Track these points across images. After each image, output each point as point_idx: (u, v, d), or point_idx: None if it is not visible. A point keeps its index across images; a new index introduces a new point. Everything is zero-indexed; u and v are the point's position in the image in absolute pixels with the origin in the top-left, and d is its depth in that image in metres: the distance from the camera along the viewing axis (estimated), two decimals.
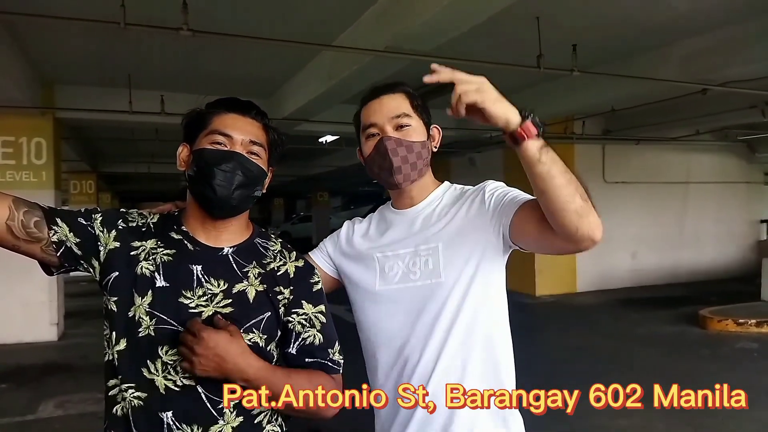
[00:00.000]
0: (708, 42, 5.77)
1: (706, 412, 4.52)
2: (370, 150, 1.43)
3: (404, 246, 1.44)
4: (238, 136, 1.26)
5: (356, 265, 1.51)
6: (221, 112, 1.28)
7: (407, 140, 1.40)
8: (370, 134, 1.43)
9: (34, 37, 5.67)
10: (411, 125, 1.42)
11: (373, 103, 1.45)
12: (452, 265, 1.38)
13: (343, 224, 1.63)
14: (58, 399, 5.03)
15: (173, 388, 1.20)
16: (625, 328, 7.80)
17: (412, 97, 1.46)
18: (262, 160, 1.30)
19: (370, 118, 1.44)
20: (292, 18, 5.09)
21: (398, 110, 1.42)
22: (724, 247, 12.46)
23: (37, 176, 7.26)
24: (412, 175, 1.43)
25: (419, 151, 1.42)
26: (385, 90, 1.46)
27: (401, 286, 1.42)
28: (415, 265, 1.41)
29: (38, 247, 1.21)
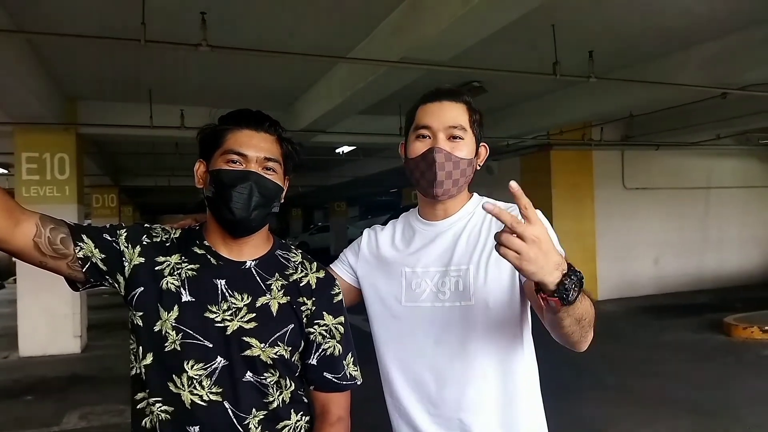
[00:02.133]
0: (727, 45, 5.69)
1: (733, 419, 4.44)
2: (417, 153, 1.38)
3: (434, 264, 1.40)
4: (253, 154, 1.25)
5: (381, 277, 1.48)
6: (234, 129, 1.27)
7: (456, 156, 1.36)
8: (421, 135, 1.39)
9: (57, 54, 5.80)
10: (464, 139, 1.38)
11: (434, 105, 1.40)
12: (483, 289, 1.34)
13: (363, 233, 1.59)
14: (81, 411, 5.08)
15: (199, 403, 1.21)
16: (648, 335, 7.68)
17: (472, 110, 1.41)
18: (278, 174, 1.29)
19: (425, 119, 1.39)
20: (308, 32, 5.15)
21: (456, 120, 1.38)
22: (748, 252, 12.24)
23: (61, 191, 7.39)
24: (452, 191, 1.39)
25: (464, 169, 1.38)
26: (448, 95, 1.41)
27: (429, 305, 1.38)
28: (444, 285, 1.37)
29: (64, 264, 1.22)
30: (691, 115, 8.45)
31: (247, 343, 1.23)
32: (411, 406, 1.41)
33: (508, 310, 1.36)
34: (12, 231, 1.15)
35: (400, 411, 1.44)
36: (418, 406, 1.40)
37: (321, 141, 8.85)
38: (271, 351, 1.24)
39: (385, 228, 1.56)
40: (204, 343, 1.22)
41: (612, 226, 10.71)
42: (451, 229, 1.43)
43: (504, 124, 8.92)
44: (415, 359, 1.40)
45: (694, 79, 5.97)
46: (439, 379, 1.37)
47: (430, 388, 1.38)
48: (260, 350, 1.24)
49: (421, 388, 1.39)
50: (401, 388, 1.43)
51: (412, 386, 1.41)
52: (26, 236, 1.17)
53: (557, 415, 1.49)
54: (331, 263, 1.61)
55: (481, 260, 1.36)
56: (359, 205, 33.83)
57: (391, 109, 7.05)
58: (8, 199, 1.16)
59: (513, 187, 1.01)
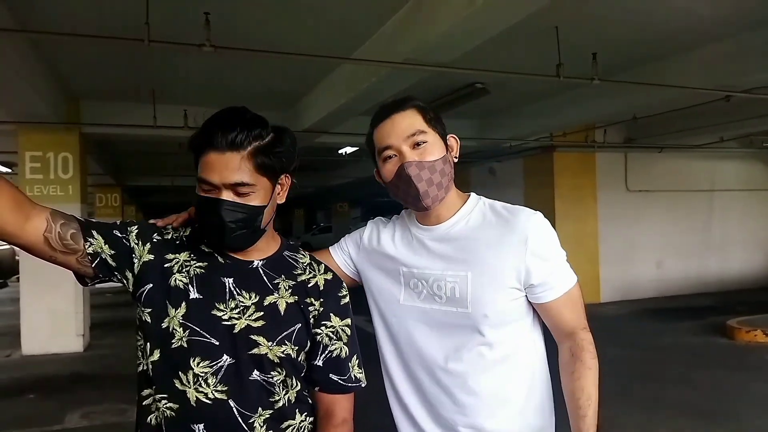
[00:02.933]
0: (731, 48, 5.68)
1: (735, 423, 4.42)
2: (391, 175, 1.37)
3: (429, 267, 1.39)
4: (219, 182, 1.20)
5: (380, 273, 1.48)
6: (204, 151, 1.21)
7: (428, 160, 1.33)
8: (387, 156, 1.37)
9: (60, 54, 5.81)
10: (428, 141, 1.35)
11: (385, 124, 1.38)
12: (481, 298, 1.33)
13: (367, 224, 1.58)
14: (83, 409, 5.08)
15: (204, 401, 1.21)
16: (650, 338, 7.66)
17: (424, 111, 1.38)
18: (255, 193, 1.22)
19: (384, 141, 1.37)
20: (311, 32, 5.15)
21: (412, 128, 1.35)
22: (751, 255, 12.20)
23: (64, 190, 7.41)
24: (440, 195, 1.37)
25: (442, 168, 1.35)
26: (394, 108, 1.38)
27: (426, 306, 1.38)
28: (440, 290, 1.36)
29: (74, 259, 1.23)
30: (694, 118, 8.44)
31: (254, 341, 1.23)
32: (412, 403, 1.42)
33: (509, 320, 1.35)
34: (23, 226, 1.16)
35: (401, 406, 1.45)
36: (419, 404, 1.41)
37: (324, 142, 8.86)
38: (278, 350, 1.24)
39: (388, 224, 1.55)
40: (210, 340, 1.22)
41: (615, 229, 10.69)
42: (449, 232, 1.41)
43: (507, 126, 8.91)
44: (413, 359, 1.41)
45: (697, 81, 5.96)
46: (435, 381, 1.38)
47: (426, 388, 1.39)
48: (267, 349, 1.24)
49: (420, 387, 1.41)
50: (402, 383, 1.44)
51: (411, 383, 1.42)
52: (37, 231, 1.18)
53: (557, 417, 1.48)
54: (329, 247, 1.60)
55: (481, 266, 1.34)
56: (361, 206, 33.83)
57: None
58: (19, 194, 1.17)
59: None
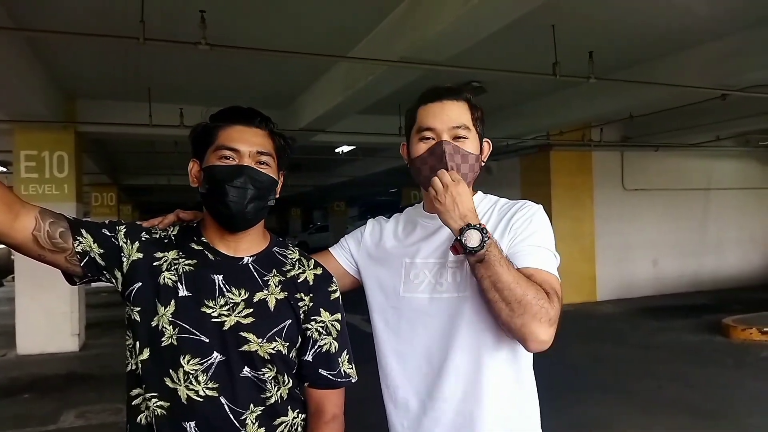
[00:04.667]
0: (727, 46, 5.69)
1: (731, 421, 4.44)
2: (422, 151, 1.38)
3: (433, 255, 1.41)
4: (245, 149, 1.25)
5: (381, 268, 1.48)
6: (226, 126, 1.28)
7: (465, 150, 1.37)
8: (425, 137, 1.38)
9: (55, 52, 5.79)
10: (468, 138, 1.38)
11: (435, 105, 1.38)
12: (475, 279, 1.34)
13: (367, 222, 1.60)
14: (79, 409, 5.07)
15: (195, 398, 1.20)
16: (646, 336, 7.68)
17: (473, 108, 1.40)
18: (272, 168, 1.30)
19: (428, 121, 1.37)
20: (308, 30, 5.14)
21: (459, 120, 1.37)
22: (747, 254, 12.25)
23: (59, 189, 7.38)
24: None
25: (472, 164, 1.38)
26: (449, 94, 1.39)
27: (427, 296, 1.39)
28: (442, 277, 1.38)
29: (62, 258, 1.23)
30: (690, 117, 8.45)
31: (244, 338, 1.23)
32: (408, 398, 1.41)
33: None
34: (11, 224, 1.16)
35: (396, 402, 1.44)
36: (414, 398, 1.40)
37: (320, 140, 8.85)
38: (268, 346, 1.24)
39: (389, 220, 1.57)
40: (200, 338, 1.21)
41: (611, 227, 10.71)
42: None
43: (504, 125, 8.91)
44: (412, 350, 1.40)
45: (694, 80, 5.97)
46: (436, 371, 1.37)
47: (428, 379, 1.38)
48: (258, 345, 1.23)
49: (418, 380, 1.39)
50: (398, 378, 1.43)
51: (409, 378, 1.41)
52: (25, 229, 1.18)
53: (555, 415, 1.48)
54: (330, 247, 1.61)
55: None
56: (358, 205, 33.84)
57: (391, 109, 7.04)
58: (8, 192, 1.17)
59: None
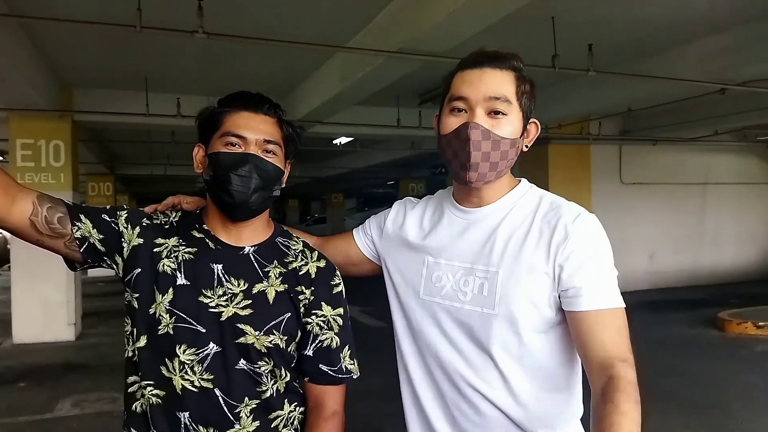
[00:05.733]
0: (727, 40, 5.68)
1: (725, 414, 4.46)
2: (450, 129, 1.18)
3: (459, 258, 1.25)
4: (252, 137, 1.22)
5: (402, 262, 1.35)
6: (233, 111, 1.25)
7: (496, 134, 1.16)
8: (456, 108, 1.18)
9: (52, 40, 5.74)
10: (507, 115, 1.17)
11: (473, 72, 1.18)
12: (511, 300, 1.17)
13: (393, 206, 1.45)
14: (75, 398, 5.08)
15: (190, 389, 1.19)
16: (642, 330, 7.69)
17: (520, 80, 1.19)
18: (278, 157, 1.26)
19: (462, 89, 1.18)
20: (305, 20, 5.11)
21: (498, 91, 1.16)
22: (743, 248, 12.27)
23: (56, 178, 7.36)
24: (488, 176, 1.20)
25: (505, 150, 1.18)
26: (492, 60, 1.18)
27: (447, 303, 1.25)
28: (467, 285, 1.22)
29: (62, 243, 1.21)
30: (689, 111, 8.45)
31: (241, 330, 1.21)
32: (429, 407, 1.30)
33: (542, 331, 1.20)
34: (8, 209, 1.14)
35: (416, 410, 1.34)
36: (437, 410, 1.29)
37: (318, 132, 8.81)
38: (265, 339, 1.22)
39: (416, 205, 1.41)
40: (196, 327, 1.20)
41: (608, 221, 10.45)
42: (487, 220, 1.25)
43: None
44: (433, 358, 1.29)
45: (693, 74, 5.96)
46: (455, 388, 1.25)
47: (446, 394, 1.27)
48: (254, 338, 1.21)
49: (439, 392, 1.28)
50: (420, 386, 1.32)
51: (430, 385, 1.30)
52: (23, 214, 1.16)
53: None
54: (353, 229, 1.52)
55: (515, 265, 1.18)
56: (356, 197, 33.81)
57: (389, 101, 7.02)
58: (5, 176, 1.15)
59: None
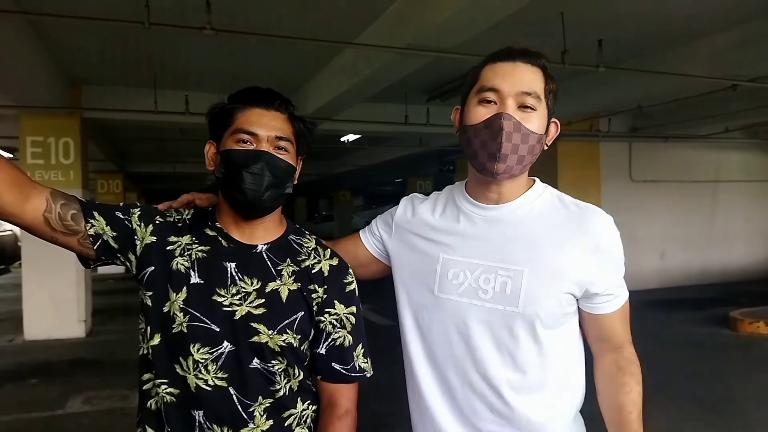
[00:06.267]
0: (738, 36, 5.62)
1: (737, 414, 4.42)
2: (479, 119, 1.18)
3: (479, 256, 1.23)
4: (264, 133, 1.21)
5: (414, 259, 1.32)
6: (244, 108, 1.24)
7: (527, 128, 1.17)
8: (486, 99, 1.19)
9: (60, 37, 5.77)
10: (536, 111, 1.19)
11: (506, 65, 1.20)
12: (536, 298, 1.19)
13: (400, 202, 1.42)
14: (85, 395, 5.11)
15: (204, 388, 1.19)
16: (652, 329, 7.65)
17: (549, 79, 1.22)
18: (290, 154, 1.25)
19: (494, 81, 1.18)
20: (313, 16, 5.10)
21: (531, 86, 1.18)
22: (754, 247, 12.16)
23: (65, 175, 7.39)
24: (515, 170, 1.20)
25: (533, 145, 1.19)
26: (524, 55, 1.21)
27: (466, 301, 1.23)
28: (488, 283, 1.21)
29: (75, 240, 1.21)
30: (700, 108, 8.37)
31: (255, 329, 1.20)
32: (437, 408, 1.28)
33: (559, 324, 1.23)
34: (22, 206, 1.14)
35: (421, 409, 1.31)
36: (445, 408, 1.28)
37: (326, 129, 8.81)
38: (279, 338, 1.21)
39: (425, 200, 1.39)
40: (210, 326, 1.19)
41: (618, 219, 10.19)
42: (509, 217, 1.25)
43: None
44: (443, 357, 1.27)
45: (704, 70, 5.90)
46: (470, 387, 1.24)
47: (457, 392, 1.26)
48: (268, 337, 1.21)
49: (448, 390, 1.27)
50: (426, 384, 1.30)
51: (438, 384, 1.28)
52: (36, 211, 1.16)
53: None
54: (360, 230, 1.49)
55: (540, 264, 1.20)
56: (364, 195, 33.83)
57: (397, 98, 7.00)
58: (19, 173, 1.14)
59: None
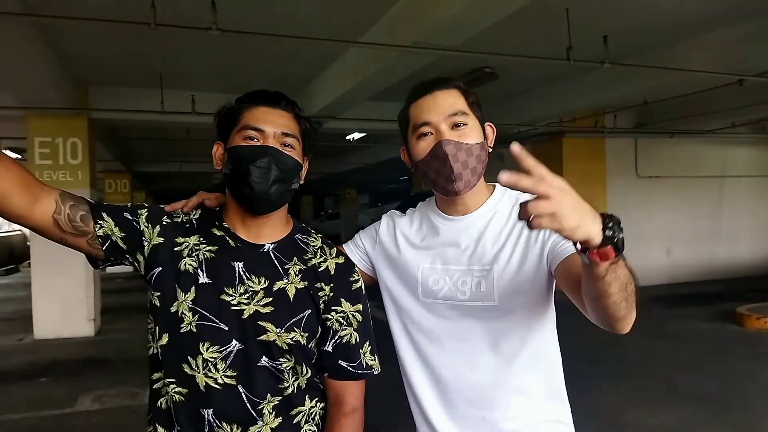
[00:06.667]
0: (744, 31, 5.59)
1: (744, 410, 4.41)
2: (424, 153, 1.30)
3: (455, 262, 1.34)
4: (270, 129, 1.24)
5: (396, 270, 1.43)
6: (251, 107, 1.27)
7: (467, 143, 1.28)
8: (423, 134, 1.31)
9: (67, 38, 5.80)
10: (468, 124, 1.30)
11: (426, 99, 1.32)
12: (508, 290, 1.29)
13: (381, 219, 1.53)
14: (95, 393, 5.15)
15: (213, 386, 1.20)
16: (658, 324, 7.64)
17: (466, 93, 1.33)
18: (297, 151, 1.28)
19: (422, 116, 1.31)
20: (318, 16, 5.11)
21: (454, 107, 1.29)
22: (761, 242, 12.11)
23: (73, 176, 7.45)
24: (473, 181, 1.31)
25: (479, 154, 1.30)
26: (437, 85, 1.33)
27: (447, 303, 1.34)
28: (465, 285, 1.32)
29: (84, 241, 1.22)
30: (706, 103, 8.34)
31: (263, 327, 1.22)
32: (428, 402, 1.38)
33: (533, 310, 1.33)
34: (31, 207, 1.15)
35: (419, 406, 1.40)
36: (436, 403, 1.37)
37: (332, 127, 8.83)
38: (287, 336, 1.23)
39: (403, 217, 1.50)
40: (219, 325, 1.21)
41: (624, 215, 10.16)
42: (474, 225, 1.36)
43: (516, 111, 8.84)
44: (434, 358, 1.36)
45: (710, 65, 5.88)
46: (459, 378, 1.34)
47: (449, 386, 1.35)
48: (276, 335, 1.22)
49: (439, 385, 1.36)
50: (419, 382, 1.39)
51: (429, 381, 1.38)
52: (45, 213, 1.17)
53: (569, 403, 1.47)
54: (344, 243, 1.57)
55: (507, 260, 1.31)
56: (369, 193, 33.82)
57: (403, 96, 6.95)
58: (28, 174, 1.16)
59: (515, 150, 0.90)
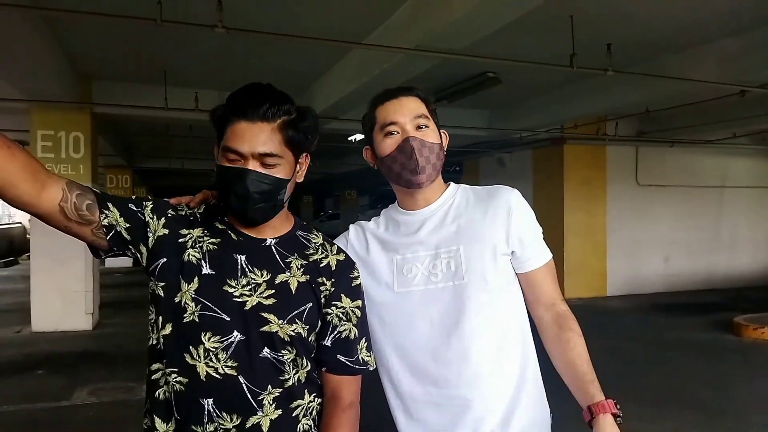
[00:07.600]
0: (747, 42, 5.62)
1: (740, 420, 4.42)
2: (391, 149, 1.45)
3: (424, 248, 1.46)
4: (248, 151, 1.21)
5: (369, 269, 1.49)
6: (233, 121, 1.23)
7: (429, 141, 1.44)
8: (390, 132, 1.45)
9: (72, 33, 5.82)
10: (429, 127, 1.46)
11: (393, 103, 1.47)
12: (476, 266, 1.40)
13: (349, 228, 1.60)
14: (92, 386, 5.16)
15: (214, 376, 1.22)
16: (655, 333, 7.66)
17: (426, 101, 1.50)
18: (281, 166, 1.25)
19: (390, 117, 1.45)
20: (324, 16, 5.13)
21: (418, 110, 1.46)
22: (760, 253, 12.13)
23: (75, 169, 7.47)
24: (433, 176, 1.46)
25: (438, 153, 1.46)
26: (402, 92, 1.49)
27: (422, 288, 1.43)
28: (436, 268, 1.43)
29: (89, 230, 1.23)
30: (707, 113, 8.36)
31: (265, 318, 1.24)
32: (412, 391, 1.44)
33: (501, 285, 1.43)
34: (38, 195, 1.16)
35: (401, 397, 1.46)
36: (419, 390, 1.43)
37: (334, 128, 8.85)
38: (288, 328, 1.25)
39: (369, 223, 1.60)
40: (221, 316, 1.23)
41: (623, 223, 10.64)
42: (436, 214, 1.49)
43: (518, 117, 8.86)
44: (413, 344, 1.43)
45: (712, 75, 5.90)
46: (439, 359, 1.40)
47: (430, 369, 1.41)
48: (278, 326, 1.24)
49: (421, 371, 1.42)
50: (401, 373, 1.45)
51: (412, 371, 1.44)
52: (52, 200, 1.18)
53: (562, 408, 1.49)
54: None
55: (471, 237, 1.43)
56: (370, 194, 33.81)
57: None
58: (35, 162, 1.17)
59: None
